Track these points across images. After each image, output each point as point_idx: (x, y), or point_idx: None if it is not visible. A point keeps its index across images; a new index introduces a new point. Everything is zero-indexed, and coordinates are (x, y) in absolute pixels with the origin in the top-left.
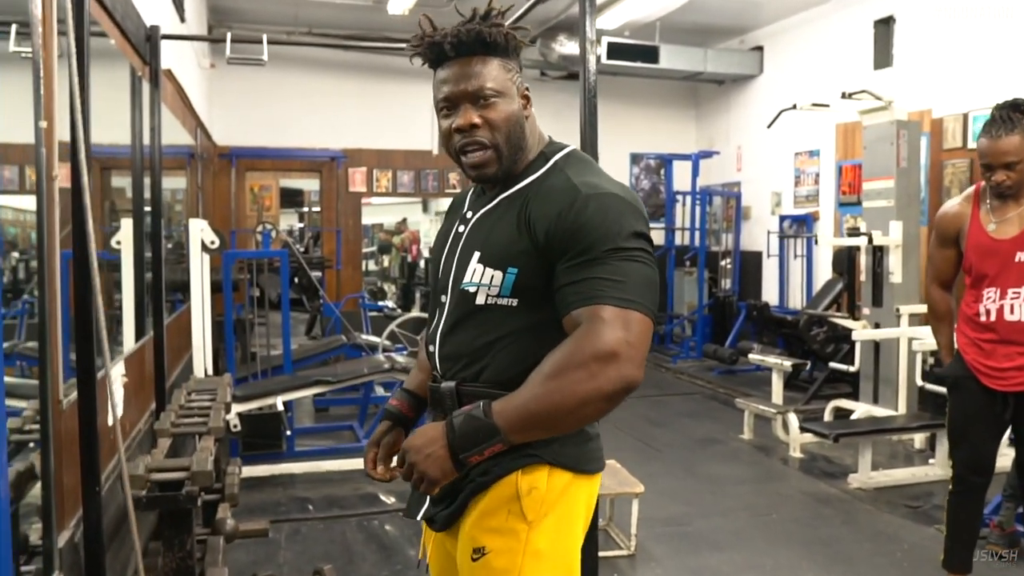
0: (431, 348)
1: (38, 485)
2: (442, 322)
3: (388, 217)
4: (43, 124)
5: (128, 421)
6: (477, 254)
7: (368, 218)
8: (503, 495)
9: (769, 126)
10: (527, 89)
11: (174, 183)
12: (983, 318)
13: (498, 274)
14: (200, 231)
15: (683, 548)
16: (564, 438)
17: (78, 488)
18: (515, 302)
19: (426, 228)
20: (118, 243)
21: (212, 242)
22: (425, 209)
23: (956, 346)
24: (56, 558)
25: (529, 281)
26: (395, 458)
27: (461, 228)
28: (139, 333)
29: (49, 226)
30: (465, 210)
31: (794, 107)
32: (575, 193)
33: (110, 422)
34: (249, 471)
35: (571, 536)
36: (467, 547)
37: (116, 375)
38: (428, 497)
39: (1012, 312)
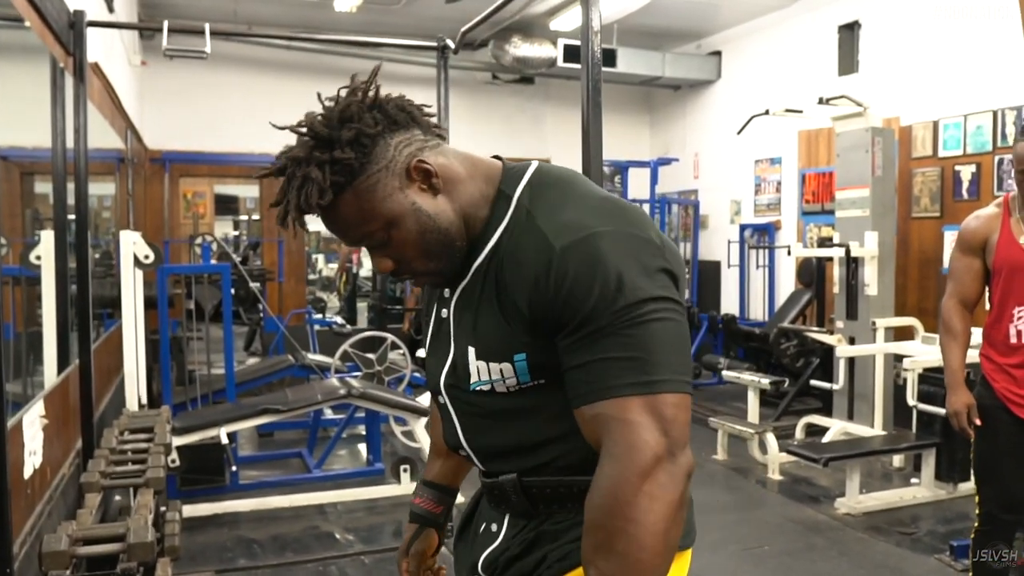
0: (461, 452)
1: None
2: (458, 422)
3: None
4: None
5: (49, 468)
6: (472, 351)
7: (315, 224)
8: None
9: (739, 132)
10: (416, 161)
11: (102, 189)
12: (1013, 339)
13: (506, 366)
14: (132, 244)
15: None
16: None
17: None
18: (542, 380)
19: None
20: (38, 258)
21: (146, 256)
22: None
23: (982, 374)
24: None
25: (546, 359)
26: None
27: (444, 312)
28: (62, 362)
29: None
30: (444, 289)
31: (767, 112)
32: (549, 251)
33: (27, 473)
34: (189, 510)
35: None
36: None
37: (33, 417)
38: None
39: None
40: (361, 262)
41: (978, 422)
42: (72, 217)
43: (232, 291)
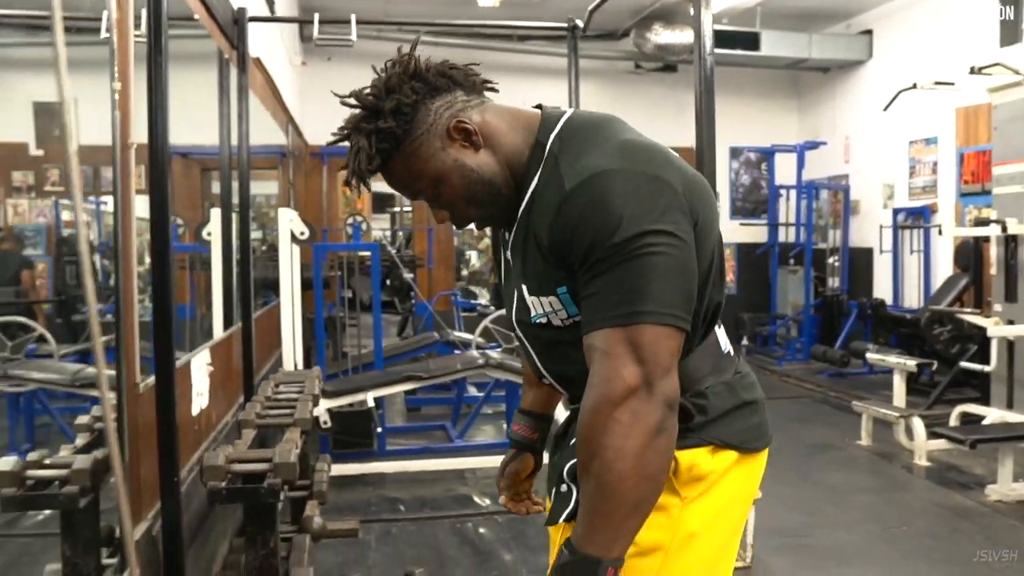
0: (544, 380)
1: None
2: (534, 353)
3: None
4: (117, 86)
5: (215, 413)
6: (524, 287)
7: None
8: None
9: (886, 108)
10: (456, 122)
11: (265, 186)
12: None
13: (553, 299)
14: (290, 221)
15: (806, 562)
16: (726, 414)
17: (156, 480)
18: None
19: None
20: (208, 234)
21: (302, 233)
22: None
23: None
24: (132, 551)
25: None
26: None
27: (508, 254)
28: (227, 323)
29: (124, 197)
30: (505, 232)
31: (914, 87)
32: (561, 191)
33: (195, 411)
34: (339, 469)
35: (729, 520)
36: None
37: (200, 362)
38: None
39: None
40: None
41: None
42: (237, 200)
43: (387, 281)
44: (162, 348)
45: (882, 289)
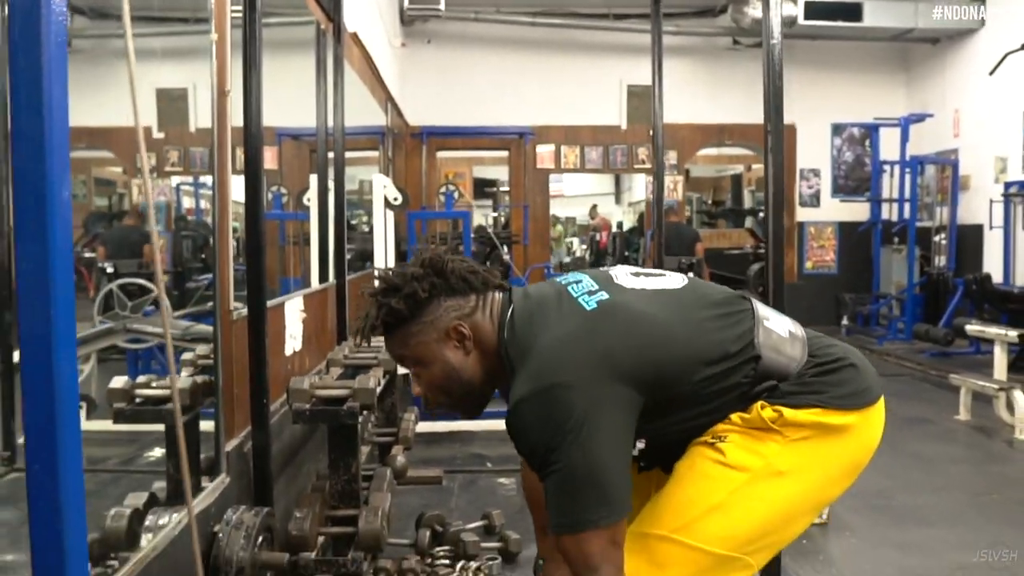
0: None
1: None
2: None
3: (579, 209)
4: (214, 36)
5: (308, 360)
6: None
7: (559, 209)
8: (760, 417)
9: (992, 72)
10: (455, 324)
11: (368, 170)
12: None
13: None
14: (383, 187)
15: (883, 521)
16: (814, 383)
17: (247, 403)
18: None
19: (618, 218)
20: (307, 199)
21: (395, 198)
22: (618, 200)
23: None
24: (223, 462)
25: None
26: None
27: None
28: (322, 278)
29: (221, 141)
30: None
31: (1022, 48)
32: (507, 417)
33: (288, 352)
34: (428, 426)
35: (822, 473)
36: (707, 436)
37: (294, 307)
38: None
39: None
40: (612, 235)
41: None
42: (333, 173)
43: (487, 262)
44: (253, 284)
45: (992, 267)
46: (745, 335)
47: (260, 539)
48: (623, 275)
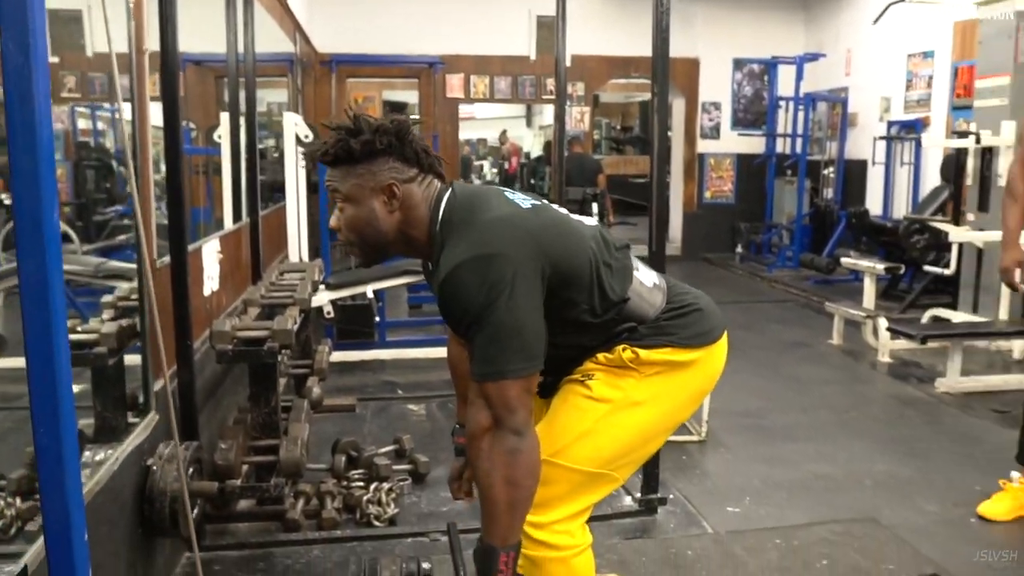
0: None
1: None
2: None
3: (490, 132)
4: None
5: (224, 298)
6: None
7: (471, 132)
8: (620, 358)
9: (875, 21)
10: (390, 183)
11: (275, 93)
12: None
13: None
14: (295, 124)
15: (756, 438)
16: (669, 325)
17: (171, 344)
18: None
19: (529, 143)
20: (218, 136)
21: (306, 135)
22: (529, 124)
23: None
24: (152, 400)
25: None
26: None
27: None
28: (236, 218)
29: (140, 97)
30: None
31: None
32: (441, 281)
33: (206, 292)
34: (341, 356)
35: (674, 399)
36: (577, 375)
37: (211, 249)
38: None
39: None
40: (520, 163)
41: None
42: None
43: None
44: (175, 231)
45: (874, 200)
46: (625, 279)
47: (191, 470)
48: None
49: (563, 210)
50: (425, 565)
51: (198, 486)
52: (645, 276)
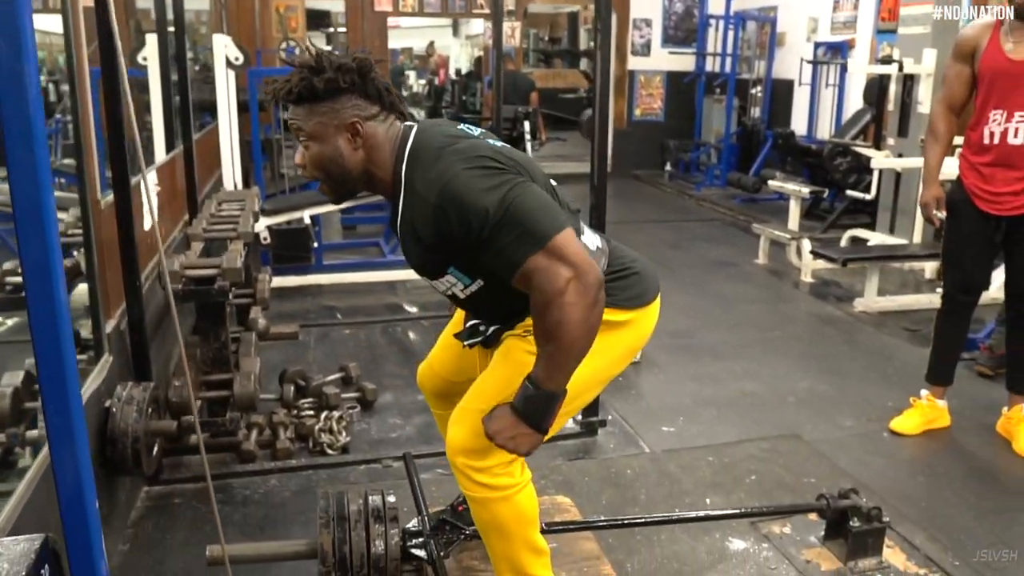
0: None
1: (82, 286)
2: (451, 300)
3: (415, 41)
4: None
5: (164, 229)
6: (420, 273)
7: (395, 41)
8: None
9: None
10: (353, 121)
11: (196, 0)
12: (986, 140)
13: (448, 277)
14: (224, 47)
15: (686, 358)
16: (612, 289)
17: (120, 284)
18: (481, 282)
19: (456, 52)
20: (144, 59)
21: (236, 58)
22: (455, 33)
23: (957, 172)
24: (105, 343)
25: (471, 264)
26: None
27: (397, 230)
28: (169, 146)
29: (76, 38)
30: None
31: None
32: (428, 204)
33: (147, 226)
34: (279, 281)
35: (618, 349)
36: (519, 330)
37: (149, 182)
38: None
39: (1016, 136)
40: (448, 77)
41: (943, 214)
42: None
43: None
44: (118, 165)
45: (799, 120)
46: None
47: (150, 410)
48: None
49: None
50: (391, 499)
51: (158, 425)
52: (589, 240)
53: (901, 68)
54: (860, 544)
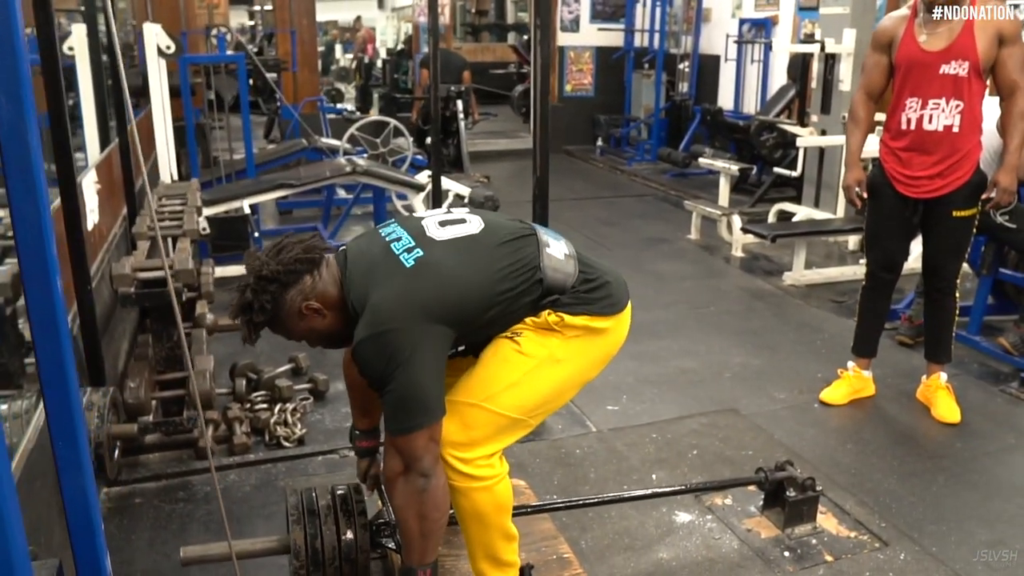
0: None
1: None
2: None
3: (341, 14)
4: None
5: (104, 227)
6: None
7: (322, 15)
8: (546, 321)
9: None
10: (304, 306)
11: None
12: (903, 126)
13: None
14: (155, 35)
15: None
16: (586, 296)
17: (71, 287)
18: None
19: (382, 26)
20: (71, 48)
21: (168, 47)
22: (381, 5)
23: (878, 156)
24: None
25: None
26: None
27: None
28: (104, 141)
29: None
30: None
31: None
32: (352, 351)
33: (89, 227)
34: (220, 271)
35: (588, 359)
36: (507, 332)
37: (89, 182)
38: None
39: (931, 122)
40: (377, 52)
41: (865, 195)
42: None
43: (250, 82)
44: (63, 165)
45: (726, 95)
46: (531, 262)
47: (109, 414)
48: (433, 227)
49: (450, 232)
50: (358, 495)
51: (119, 429)
52: (556, 250)
53: (823, 48)
54: (796, 512)
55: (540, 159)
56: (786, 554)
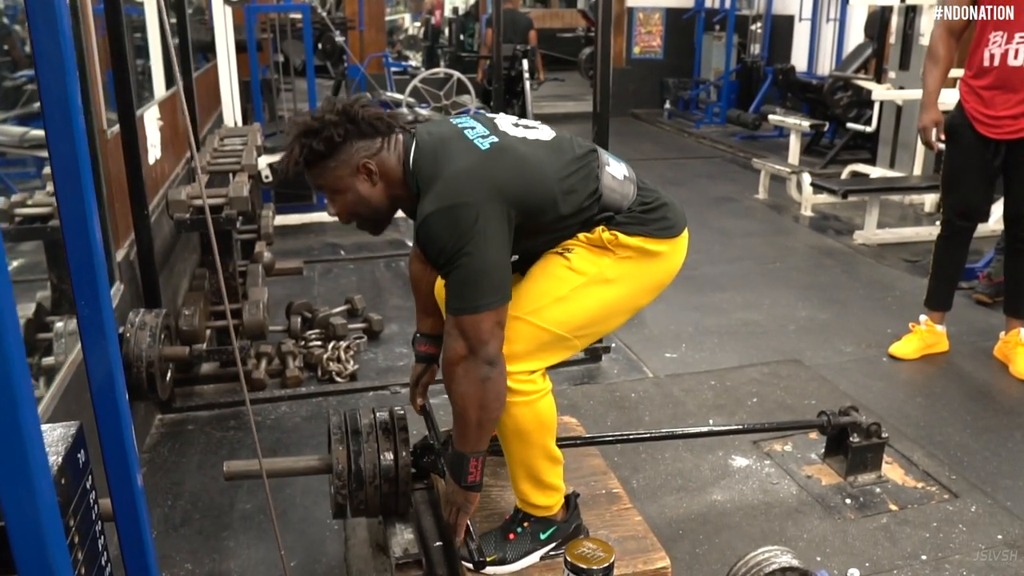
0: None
1: None
2: None
3: None
4: None
5: (167, 165)
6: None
7: None
8: (600, 238)
9: None
10: (363, 162)
11: None
12: (986, 63)
13: None
14: None
15: (688, 288)
16: (642, 216)
17: (129, 215)
18: None
19: None
20: None
21: None
22: None
23: (958, 96)
24: (116, 271)
25: None
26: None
27: None
28: (169, 82)
29: None
30: None
31: None
32: (415, 228)
33: (151, 161)
34: (282, 219)
35: (640, 282)
36: (558, 248)
37: (151, 117)
38: None
39: (1016, 57)
40: (444, 19)
41: (943, 137)
42: None
43: (318, 45)
44: (123, 97)
45: (799, 56)
46: (592, 178)
47: (163, 336)
48: (506, 124)
49: (521, 132)
50: (398, 409)
51: (171, 351)
52: (616, 170)
53: (903, 0)
54: (860, 459)
55: (600, 112)
56: (847, 501)
